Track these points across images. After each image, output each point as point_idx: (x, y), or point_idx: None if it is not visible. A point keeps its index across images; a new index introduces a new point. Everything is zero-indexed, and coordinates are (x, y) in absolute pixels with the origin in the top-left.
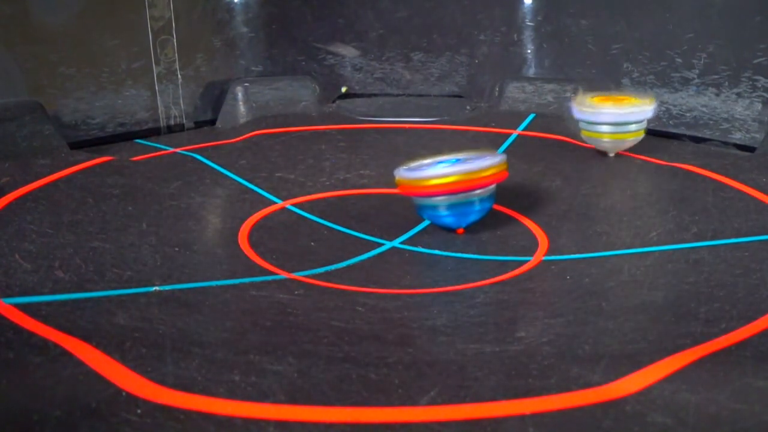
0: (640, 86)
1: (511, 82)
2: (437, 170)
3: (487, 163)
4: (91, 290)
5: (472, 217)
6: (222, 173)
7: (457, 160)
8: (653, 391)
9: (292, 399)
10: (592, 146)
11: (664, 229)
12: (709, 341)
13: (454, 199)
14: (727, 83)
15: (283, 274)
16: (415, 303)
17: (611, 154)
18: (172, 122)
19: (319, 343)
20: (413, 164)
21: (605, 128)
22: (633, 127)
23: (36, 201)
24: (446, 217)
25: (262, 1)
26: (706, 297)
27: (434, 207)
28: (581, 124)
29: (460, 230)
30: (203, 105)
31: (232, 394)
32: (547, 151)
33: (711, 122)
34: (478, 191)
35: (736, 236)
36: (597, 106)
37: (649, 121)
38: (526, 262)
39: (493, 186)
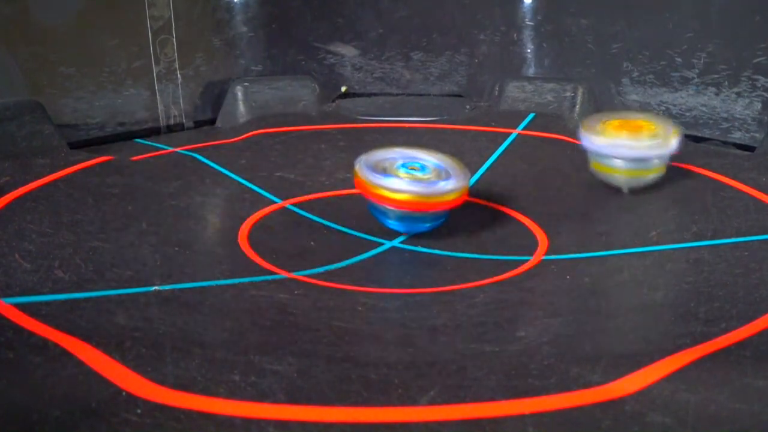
0: (639, 86)
1: (511, 82)
2: (392, 183)
3: (447, 189)
4: (90, 290)
5: (421, 229)
6: (222, 173)
7: (423, 168)
8: (653, 390)
9: (292, 399)
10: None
11: (664, 229)
12: (709, 341)
13: (404, 212)
14: (726, 83)
15: (283, 274)
16: (415, 303)
17: (625, 191)
18: (171, 122)
19: (319, 343)
20: (377, 154)
21: (620, 163)
22: (655, 162)
23: (36, 201)
24: (392, 223)
25: (262, 1)
26: (706, 297)
27: (383, 212)
28: (591, 156)
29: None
30: (203, 104)
31: (232, 394)
32: (547, 151)
33: (711, 122)
34: (430, 212)
35: (736, 236)
36: (612, 135)
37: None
38: (526, 261)
39: None
